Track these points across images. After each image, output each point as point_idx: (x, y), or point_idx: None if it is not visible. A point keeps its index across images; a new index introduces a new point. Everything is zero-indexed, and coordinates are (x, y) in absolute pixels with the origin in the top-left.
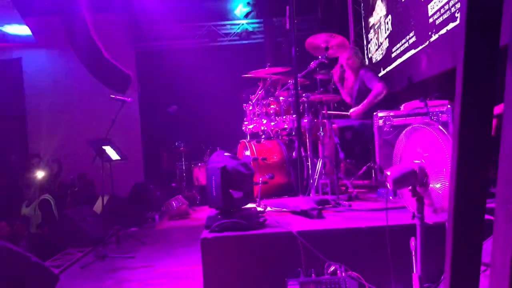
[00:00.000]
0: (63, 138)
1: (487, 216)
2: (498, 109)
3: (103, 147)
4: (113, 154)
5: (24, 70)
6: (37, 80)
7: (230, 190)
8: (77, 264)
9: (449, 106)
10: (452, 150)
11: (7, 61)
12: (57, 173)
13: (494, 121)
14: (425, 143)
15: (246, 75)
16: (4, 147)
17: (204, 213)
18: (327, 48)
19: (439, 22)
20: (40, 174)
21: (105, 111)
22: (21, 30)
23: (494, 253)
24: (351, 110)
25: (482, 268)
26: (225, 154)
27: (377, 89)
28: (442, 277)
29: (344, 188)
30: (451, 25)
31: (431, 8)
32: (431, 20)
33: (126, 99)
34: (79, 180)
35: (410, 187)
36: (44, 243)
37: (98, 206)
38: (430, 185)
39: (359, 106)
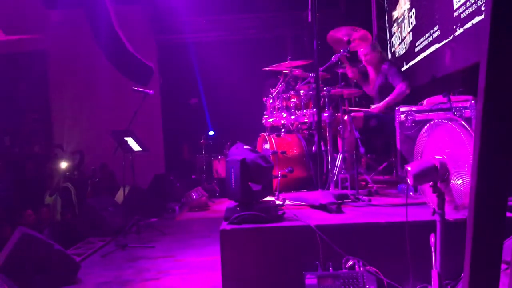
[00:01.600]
0: (86, 129)
1: (508, 214)
2: None
3: (125, 138)
4: (134, 146)
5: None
6: (61, 71)
7: (249, 183)
8: (98, 252)
9: (472, 101)
10: (474, 147)
11: (32, 53)
12: (79, 163)
13: None
14: (447, 139)
15: (267, 69)
16: (29, 137)
17: (223, 205)
18: (349, 42)
19: (464, 16)
20: (63, 164)
21: (128, 103)
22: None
23: None
24: (373, 107)
25: (504, 266)
26: (245, 147)
27: (401, 88)
28: (462, 275)
29: (364, 183)
30: (476, 19)
31: (456, 2)
32: (456, 14)
33: (148, 91)
34: (100, 171)
35: (431, 183)
36: (66, 232)
37: (119, 197)
38: (452, 181)
39: (381, 104)
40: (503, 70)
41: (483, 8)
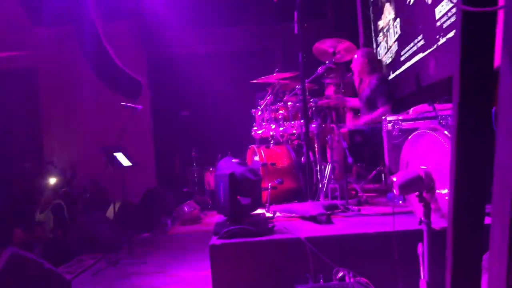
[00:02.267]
0: (76, 145)
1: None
2: None
3: (114, 153)
4: (124, 161)
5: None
6: (51, 88)
7: (238, 197)
8: (89, 270)
9: None
10: (451, 158)
11: (23, 70)
12: (70, 180)
13: None
14: (431, 149)
15: (255, 81)
16: (19, 154)
17: (215, 218)
18: (334, 53)
19: (447, 26)
20: (53, 181)
21: (118, 118)
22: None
23: (491, 262)
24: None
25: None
26: (233, 160)
27: (382, 113)
28: None
29: (354, 192)
30: None
31: (439, 12)
32: (438, 23)
33: (137, 106)
34: (91, 187)
35: (416, 193)
36: (57, 249)
37: (110, 212)
38: (437, 190)
39: (360, 121)
40: (475, 84)
41: None
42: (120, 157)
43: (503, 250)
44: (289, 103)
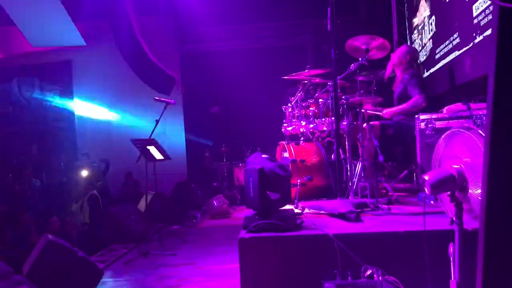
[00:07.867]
0: (110, 138)
1: None
2: None
3: (147, 147)
4: (157, 154)
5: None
6: (86, 81)
7: (267, 192)
8: (121, 260)
9: None
10: (484, 158)
11: (58, 63)
12: (104, 172)
13: None
14: (465, 148)
15: (286, 77)
16: (55, 146)
17: (244, 212)
18: (367, 50)
19: (484, 23)
20: (88, 172)
21: (151, 112)
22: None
23: None
24: (385, 111)
25: None
26: (263, 156)
27: (417, 100)
28: None
29: (384, 191)
30: None
31: (476, 9)
32: (475, 21)
33: (170, 101)
34: (124, 179)
35: (448, 192)
36: (90, 239)
37: (142, 204)
38: (470, 190)
39: (393, 108)
40: (511, 83)
41: None
42: (153, 150)
43: None
44: (320, 100)
